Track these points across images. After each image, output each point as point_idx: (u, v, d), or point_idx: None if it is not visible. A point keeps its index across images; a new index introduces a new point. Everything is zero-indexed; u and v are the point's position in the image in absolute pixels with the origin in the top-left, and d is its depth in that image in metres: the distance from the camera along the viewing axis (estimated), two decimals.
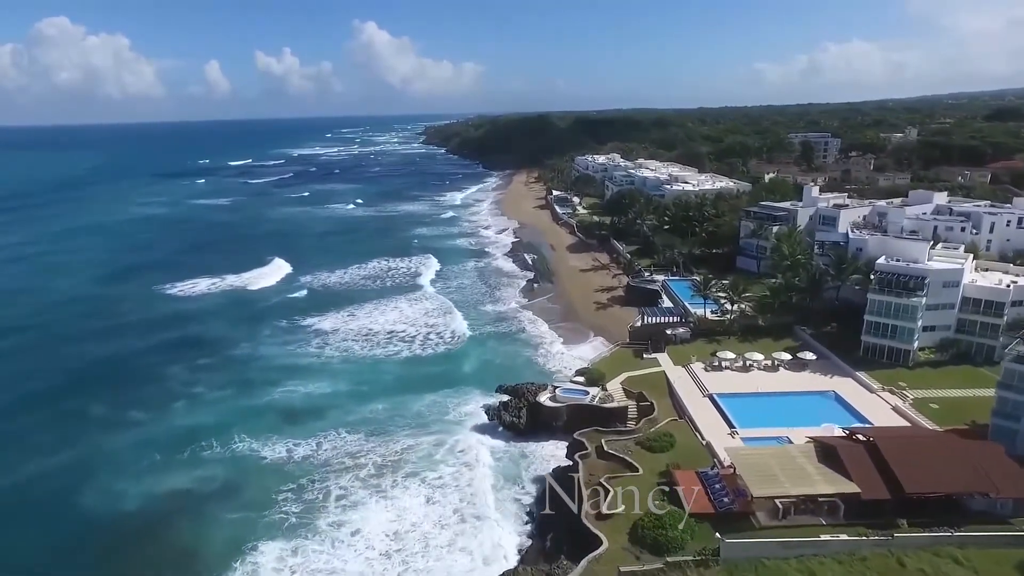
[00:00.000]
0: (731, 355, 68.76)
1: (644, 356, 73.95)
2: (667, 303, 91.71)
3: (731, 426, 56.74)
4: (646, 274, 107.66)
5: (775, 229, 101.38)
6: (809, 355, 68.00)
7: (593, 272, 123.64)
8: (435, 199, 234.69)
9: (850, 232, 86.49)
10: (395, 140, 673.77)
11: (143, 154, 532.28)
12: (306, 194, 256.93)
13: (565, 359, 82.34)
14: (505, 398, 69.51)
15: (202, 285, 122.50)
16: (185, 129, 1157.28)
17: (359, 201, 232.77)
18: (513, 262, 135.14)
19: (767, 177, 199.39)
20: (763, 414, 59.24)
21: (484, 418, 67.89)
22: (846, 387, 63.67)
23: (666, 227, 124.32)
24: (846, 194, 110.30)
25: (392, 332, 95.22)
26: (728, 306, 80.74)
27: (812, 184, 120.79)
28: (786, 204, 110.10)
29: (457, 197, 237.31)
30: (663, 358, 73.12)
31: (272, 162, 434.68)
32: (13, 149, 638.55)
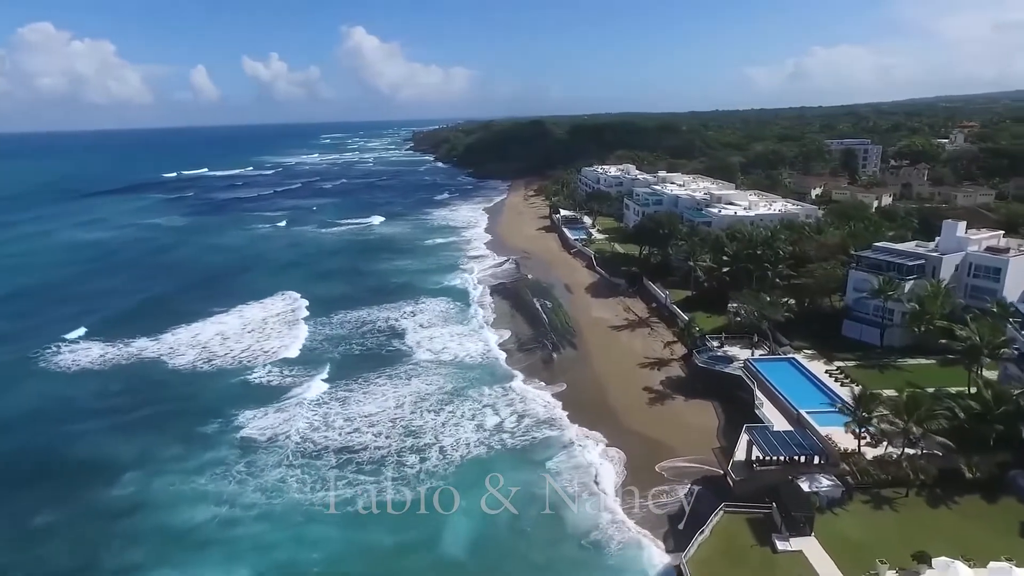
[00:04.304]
0: (966, 571, 36.74)
1: (777, 543, 42.05)
2: (766, 409, 59.83)
3: None
4: (714, 344, 75.91)
5: (908, 285, 70.04)
6: None
7: (629, 331, 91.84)
8: (421, 218, 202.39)
9: None
10: (382, 147, 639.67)
11: (116, 163, 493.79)
12: (276, 212, 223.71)
13: (627, 533, 49.69)
14: None
15: (95, 351, 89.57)
16: (171, 136, 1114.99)
17: (332, 221, 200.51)
18: (519, 312, 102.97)
19: (814, 193, 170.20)
20: None
21: None
22: None
23: (725, 269, 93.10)
24: (1001, 232, 78.97)
25: (350, 449, 62.67)
26: (887, 428, 48.83)
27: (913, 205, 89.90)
28: (908, 245, 78.74)
29: (446, 215, 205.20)
30: (813, 550, 41.19)
31: (248, 171, 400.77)
32: None
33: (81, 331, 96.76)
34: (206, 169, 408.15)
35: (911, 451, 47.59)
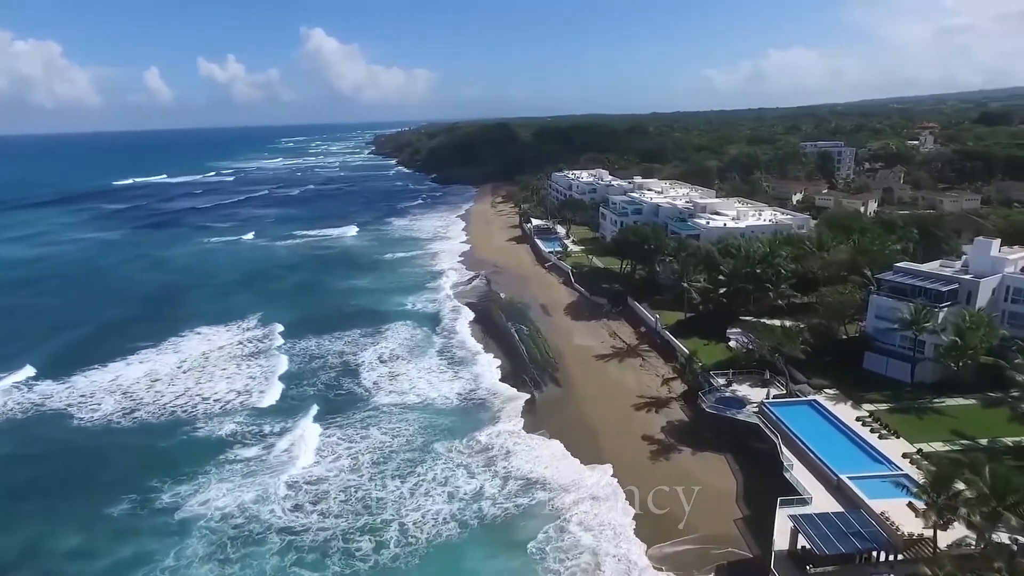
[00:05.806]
0: None
1: None
2: (796, 472, 50.09)
3: None
4: (720, 383, 66.19)
5: (942, 314, 61.34)
6: None
7: (618, 361, 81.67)
8: (381, 228, 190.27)
9: None
10: (345, 151, 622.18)
11: (65, 169, 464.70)
12: (233, 223, 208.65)
13: None
14: None
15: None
16: (124, 139, 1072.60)
17: (291, 233, 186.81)
18: (493, 340, 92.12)
19: (794, 198, 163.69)
20: None
21: None
22: None
23: (722, 290, 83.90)
24: None
25: (290, 530, 51.12)
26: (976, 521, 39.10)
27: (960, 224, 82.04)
28: (932, 266, 70.21)
29: (410, 225, 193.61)
30: None
31: (209, 177, 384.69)
32: None
33: None
34: (165, 176, 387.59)
35: (995, 537, 38.14)
